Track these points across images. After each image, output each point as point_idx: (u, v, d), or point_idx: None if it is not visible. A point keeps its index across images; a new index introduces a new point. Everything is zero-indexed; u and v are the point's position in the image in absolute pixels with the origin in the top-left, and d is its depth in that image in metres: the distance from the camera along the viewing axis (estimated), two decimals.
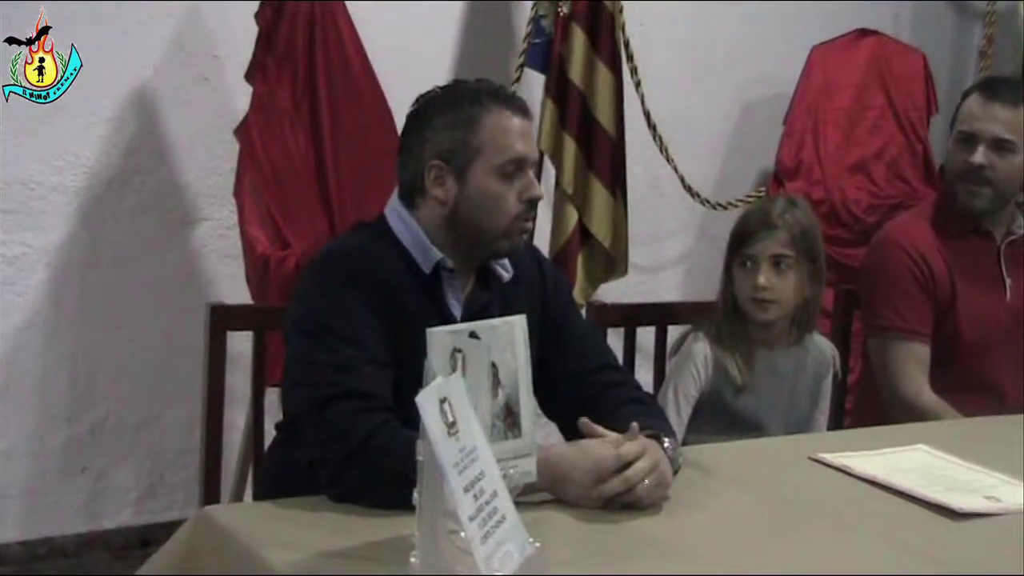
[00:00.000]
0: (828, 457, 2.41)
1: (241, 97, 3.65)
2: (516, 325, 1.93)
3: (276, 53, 3.49)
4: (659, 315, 3.13)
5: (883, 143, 4.62)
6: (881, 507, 2.20)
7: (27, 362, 3.70)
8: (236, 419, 3.32)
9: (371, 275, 2.19)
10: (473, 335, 1.86)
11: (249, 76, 3.55)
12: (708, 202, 4.59)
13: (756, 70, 4.83)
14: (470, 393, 1.76)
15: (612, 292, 4.30)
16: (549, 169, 4.16)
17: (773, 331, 2.88)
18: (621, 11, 4.17)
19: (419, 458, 1.66)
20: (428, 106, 2.32)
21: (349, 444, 1.98)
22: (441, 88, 2.35)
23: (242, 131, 3.50)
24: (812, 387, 2.94)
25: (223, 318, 2.63)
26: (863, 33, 4.73)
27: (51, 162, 3.63)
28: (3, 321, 3.63)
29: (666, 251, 4.80)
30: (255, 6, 3.54)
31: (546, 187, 4.21)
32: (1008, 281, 3.20)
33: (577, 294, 4.10)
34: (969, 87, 3.27)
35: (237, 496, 3.40)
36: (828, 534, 2.05)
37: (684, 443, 2.67)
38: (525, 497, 1.97)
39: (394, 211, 2.32)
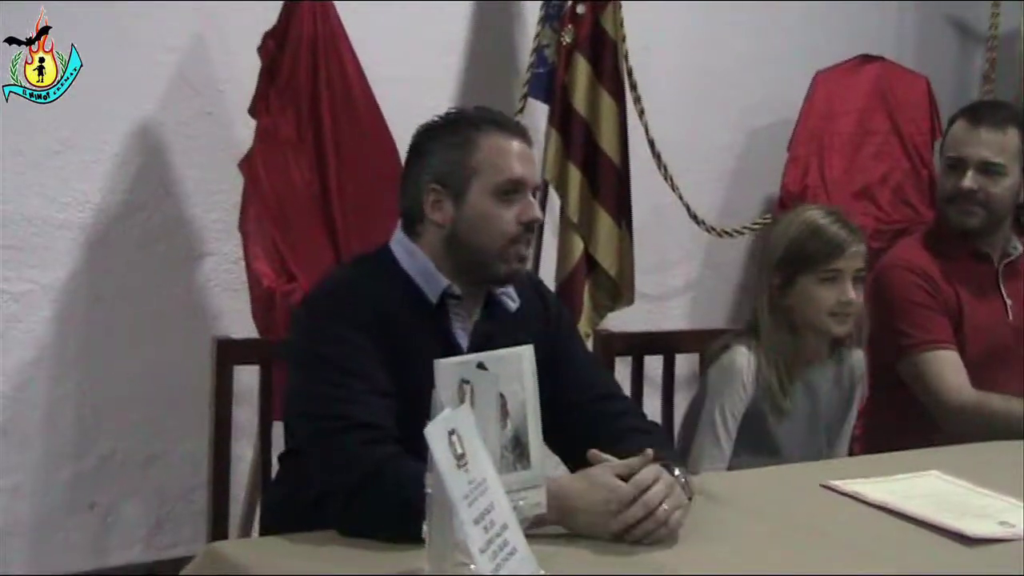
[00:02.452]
0: (840, 484, 2.40)
1: (245, 130, 3.65)
2: (524, 356, 1.93)
3: (279, 85, 3.49)
4: (666, 344, 3.12)
5: (887, 168, 4.62)
6: (894, 534, 2.18)
7: (34, 398, 3.69)
8: (244, 452, 3.32)
9: (372, 306, 2.18)
10: (481, 366, 1.86)
11: (252, 110, 3.55)
12: (714, 229, 4.58)
13: (760, 96, 4.83)
14: (478, 424, 1.75)
15: (619, 321, 4.28)
16: (554, 199, 4.17)
17: (818, 345, 2.89)
18: (624, 39, 4.17)
19: (428, 490, 1.65)
20: (427, 134, 2.33)
21: (357, 476, 1.97)
22: (440, 117, 2.35)
23: (246, 164, 3.50)
24: (844, 397, 2.97)
25: (229, 352, 2.63)
26: (866, 59, 4.73)
27: (56, 198, 3.63)
28: (9, 357, 3.62)
29: (672, 279, 4.79)
30: (258, 39, 3.55)
31: (551, 216, 4.23)
32: (1009, 302, 3.21)
33: (584, 324, 4.09)
34: (955, 113, 3.28)
35: (245, 530, 3.39)
36: (842, 562, 2.03)
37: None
38: (536, 530, 1.96)
39: (398, 243, 2.32)
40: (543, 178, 4.13)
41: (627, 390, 2.99)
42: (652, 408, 2.96)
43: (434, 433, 1.60)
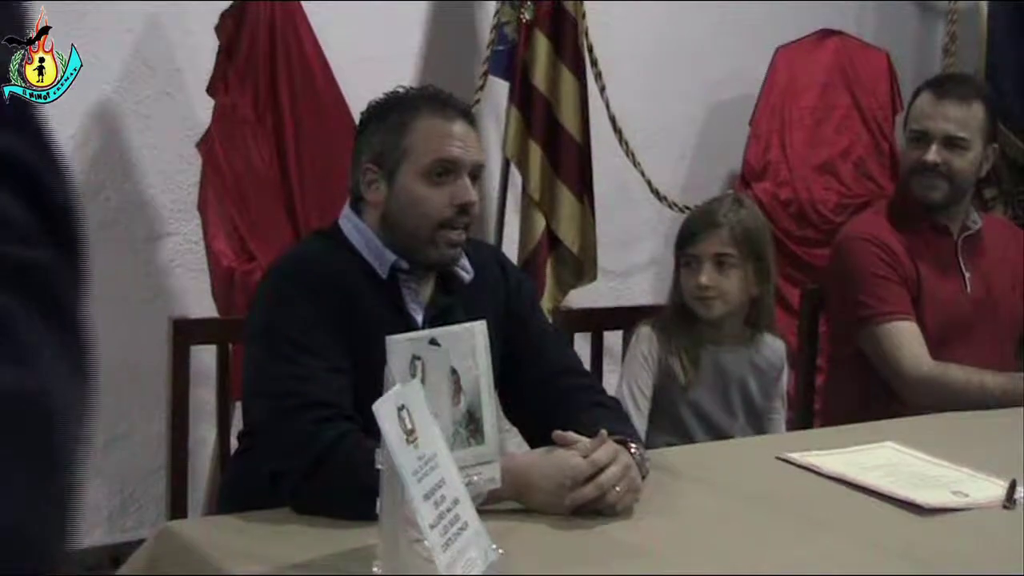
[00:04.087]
0: (796, 456, 2.41)
1: (204, 111, 3.64)
2: (477, 331, 1.92)
3: (237, 64, 3.48)
4: (625, 319, 3.12)
5: (849, 142, 4.64)
6: (849, 505, 2.19)
7: None
8: (207, 434, 3.31)
9: (327, 282, 2.18)
10: (433, 342, 1.86)
11: (211, 89, 3.54)
12: (676, 205, 4.58)
13: (722, 72, 4.83)
14: (430, 400, 1.75)
15: (583, 297, 4.29)
16: (516, 175, 4.16)
17: (722, 329, 2.89)
18: (584, 16, 4.17)
19: (379, 467, 1.65)
20: (370, 113, 2.33)
21: (311, 455, 1.96)
22: (386, 94, 2.35)
23: (205, 144, 3.48)
24: (764, 387, 2.94)
25: (185, 332, 2.61)
26: (827, 33, 4.74)
27: None
28: None
29: (635, 255, 4.80)
30: (216, 19, 3.53)
31: (513, 194, 4.23)
32: (967, 275, 3.22)
33: (547, 300, 4.10)
34: (920, 85, 3.29)
35: (209, 511, 3.38)
36: (796, 533, 2.05)
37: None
38: (492, 505, 1.96)
39: (347, 218, 2.32)
40: (504, 155, 4.14)
41: (587, 366, 3.01)
42: (612, 383, 2.97)
43: (382, 409, 1.59)
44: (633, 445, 2.16)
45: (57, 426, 0.61)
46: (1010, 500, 2.20)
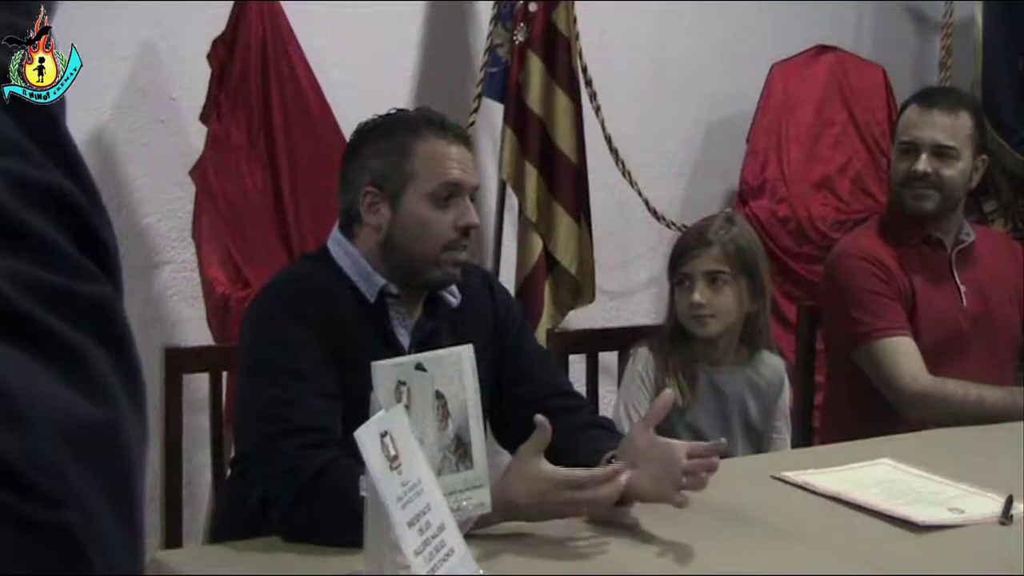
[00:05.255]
0: (791, 475, 2.40)
1: (199, 138, 3.62)
2: (463, 355, 1.92)
3: (229, 90, 3.47)
4: (621, 340, 3.10)
5: (846, 158, 4.62)
6: (843, 523, 2.18)
7: None
8: (206, 461, 3.29)
9: (314, 306, 2.18)
10: (420, 367, 1.85)
11: (204, 117, 3.54)
12: (674, 224, 4.57)
13: (718, 89, 4.82)
14: (416, 426, 1.74)
15: (582, 318, 4.28)
16: (512, 197, 4.16)
17: (718, 348, 2.88)
18: (578, 37, 4.16)
19: (363, 493, 1.64)
20: (365, 134, 2.33)
21: (299, 481, 1.96)
22: (380, 117, 2.34)
23: (198, 171, 3.48)
24: (764, 407, 2.92)
25: (177, 360, 2.61)
26: (822, 49, 4.73)
27: None
28: None
29: (635, 275, 4.78)
30: (209, 46, 3.53)
31: (510, 216, 4.22)
32: (963, 288, 3.21)
33: (545, 322, 4.08)
34: (908, 98, 3.29)
35: (209, 539, 3.36)
36: (789, 553, 2.04)
37: None
38: (482, 529, 1.95)
39: (336, 242, 2.31)
40: (500, 178, 4.13)
41: (582, 387, 3.00)
42: (609, 404, 2.96)
43: (365, 436, 1.59)
44: None
45: (134, 462, 0.63)
46: (1007, 516, 2.18)
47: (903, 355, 3.06)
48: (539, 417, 2.03)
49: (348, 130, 3.52)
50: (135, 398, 0.67)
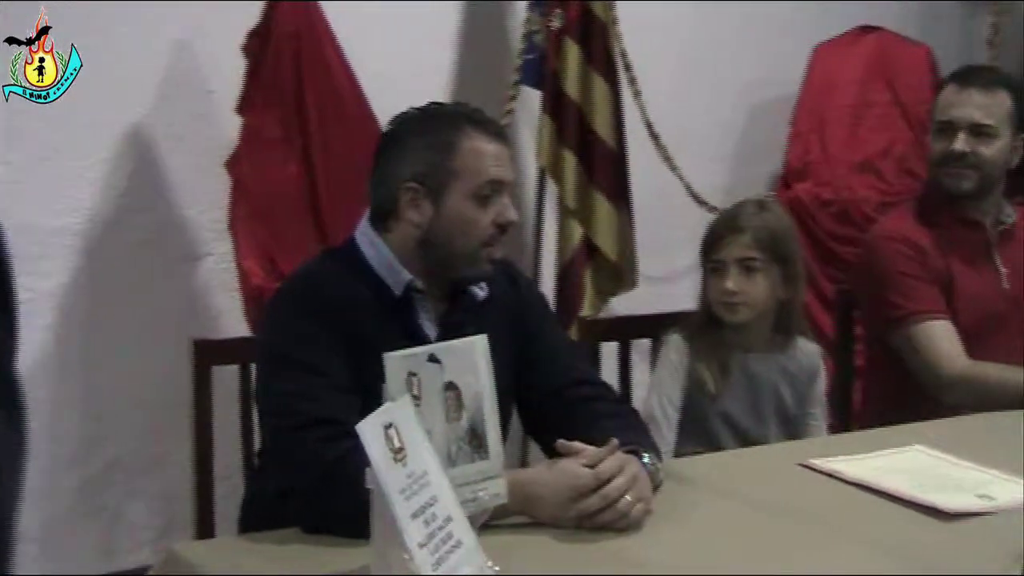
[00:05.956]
0: (818, 463, 2.37)
1: (236, 131, 3.65)
2: (477, 346, 1.90)
3: (263, 83, 3.50)
4: (652, 326, 3.07)
5: (890, 139, 4.57)
6: (869, 511, 2.15)
7: (38, 405, 3.62)
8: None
9: (332, 302, 2.17)
10: (432, 358, 1.84)
11: (240, 108, 3.56)
12: (716, 209, 4.52)
13: (760, 72, 4.78)
14: (424, 417, 1.74)
15: (625, 304, 4.27)
16: (551, 184, 4.14)
17: (750, 335, 2.84)
18: (615, 22, 4.14)
19: (369, 486, 1.64)
20: (404, 128, 2.30)
21: (314, 474, 1.96)
22: (418, 110, 2.33)
23: (233, 164, 3.50)
24: (799, 393, 2.88)
25: (207, 353, 2.62)
26: (865, 29, 4.68)
27: (50, 206, 3.64)
28: None
29: (677, 261, 4.74)
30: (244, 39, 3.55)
31: (549, 203, 4.21)
32: (1004, 270, 3.15)
33: (586, 309, 4.08)
34: (945, 77, 3.24)
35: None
36: (812, 541, 2.01)
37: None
38: (499, 520, 1.95)
39: (364, 234, 2.31)
40: (538, 165, 4.12)
41: (614, 375, 2.99)
42: (640, 393, 2.95)
43: (368, 428, 1.58)
44: (646, 455, 2.14)
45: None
46: None
47: (940, 338, 3.01)
48: (560, 443, 2.06)
49: (383, 120, 3.54)
50: (9, 416, 0.66)
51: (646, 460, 2.12)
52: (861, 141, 4.55)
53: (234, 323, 3.83)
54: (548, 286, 4.22)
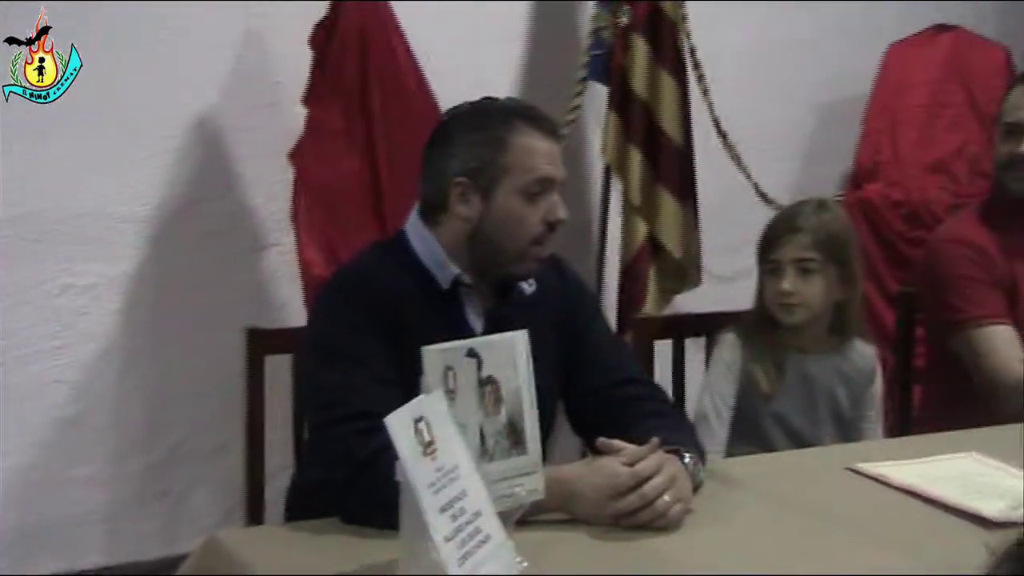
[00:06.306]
0: (866, 467, 2.34)
1: (302, 122, 3.68)
2: (517, 341, 1.91)
3: (328, 74, 3.52)
4: (706, 325, 3.05)
5: (963, 141, 4.50)
6: (912, 518, 2.12)
7: (103, 390, 3.76)
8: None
9: (379, 295, 2.18)
10: (471, 353, 1.85)
11: (305, 100, 3.58)
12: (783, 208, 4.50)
13: (832, 71, 4.73)
14: (459, 412, 1.74)
15: (690, 302, 4.25)
16: (617, 181, 4.13)
17: (805, 336, 2.82)
18: (685, 18, 4.12)
19: (398, 479, 1.64)
20: (455, 123, 2.31)
21: (352, 466, 1.97)
22: (470, 105, 2.33)
23: (296, 155, 3.53)
24: (854, 395, 2.85)
25: (260, 342, 2.65)
26: (941, 28, 4.62)
27: (118, 193, 3.69)
28: (78, 350, 3.70)
29: (744, 260, 4.67)
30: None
31: (615, 199, 4.20)
32: None
33: (649, 306, 4.06)
34: (1014, 79, 3.18)
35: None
36: (850, 546, 1.98)
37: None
38: (536, 516, 1.95)
39: (413, 228, 2.32)
40: (604, 162, 4.11)
41: (668, 373, 2.97)
42: (694, 392, 2.93)
43: (396, 421, 1.59)
44: (687, 455, 2.12)
45: None
46: None
47: (1001, 344, 2.97)
48: (601, 441, 2.06)
49: None
50: None
51: (687, 460, 2.11)
52: (934, 142, 4.50)
53: (298, 313, 3.86)
54: (612, 283, 4.21)
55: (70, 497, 3.73)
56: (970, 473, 2.34)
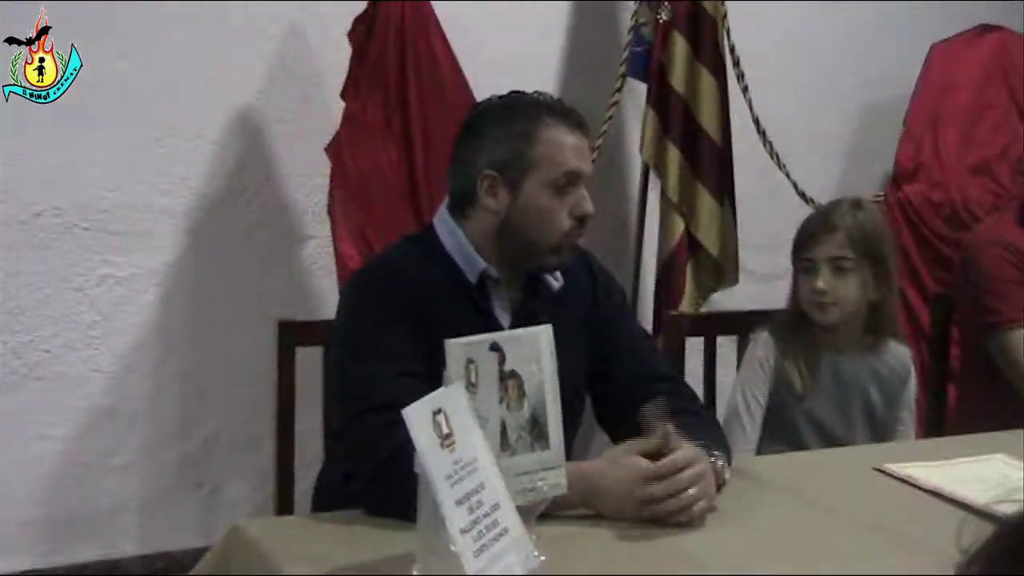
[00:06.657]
0: (894, 468, 2.33)
1: (341, 115, 3.70)
2: (541, 335, 1.90)
3: (367, 68, 3.53)
4: (739, 323, 3.04)
5: (1007, 141, 4.46)
6: (937, 520, 2.09)
7: (140, 379, 3.79)
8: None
9: (406, 288, 2.19)
10: (495, 347, 1.85)
11: (344, 94, 3.60)
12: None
13: (874, 70, 4.71)
14: (480, 405, 1.74)
15: (728, 301, 4.24)
16: (655, 178, 4.13)
17: (840, 335, 2.80)
18: (725, 16, 4.11)
19: (417, 471, 1.65)
20: (484, 116, 2.31)
21: (377, 458, 1.97)
22: (499, 99, 2.34)
23: (333, 148, 3.55)
24: (888, 396, 2.83)
25: (291, 334, 2.66)
26: (986, 28, 4.57)
27: (158, 184, 3.72)
28: (116, 340, 3.73)
29: (784, 259, 4.67)
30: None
31: (653, 196, 4.19)
32: None
33: (686, 303, 4.05)
34: None
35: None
36: (874, 548, 1.97)
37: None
38: (560, 511, 1.95)
39: (442, 221, 2.32)
40: (642, 159, 4.10)
41: (699, 370, 2.97)
42: (725, 390, 2.92)
43: (412, 413, 1.59)
44: (714, 452, 2.12)
45: None
46: None
47: None
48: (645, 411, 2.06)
49: None
50: None
51: (713, 459, 2.10)
52: (977, 143, 4.46)
53: (334, 306, 3.86)
54: (649, 280, 4.21)
55: (106, 486, 3.76)
56: (998, 475, 2.32)
